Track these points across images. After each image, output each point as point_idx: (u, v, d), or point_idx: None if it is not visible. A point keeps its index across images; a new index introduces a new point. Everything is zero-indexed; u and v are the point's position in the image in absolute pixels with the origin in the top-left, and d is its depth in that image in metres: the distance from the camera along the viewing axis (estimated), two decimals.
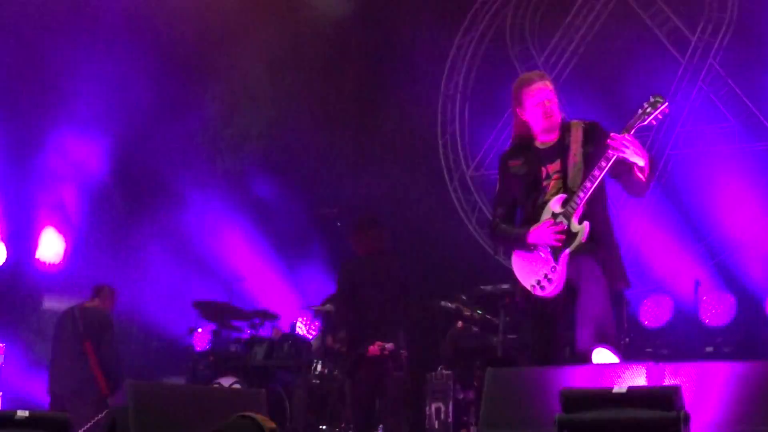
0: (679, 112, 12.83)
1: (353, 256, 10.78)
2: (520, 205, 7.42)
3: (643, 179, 7.02)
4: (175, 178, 14.64)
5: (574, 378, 5.90)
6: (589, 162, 7.05)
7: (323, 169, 14.48)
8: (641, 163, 6.92)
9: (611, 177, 7.17)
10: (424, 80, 14.28)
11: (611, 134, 6.95)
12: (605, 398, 5.39)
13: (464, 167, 14.28)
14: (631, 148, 6.88)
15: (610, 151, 6.91)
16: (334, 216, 12.49)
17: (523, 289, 7.31)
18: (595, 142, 7.09)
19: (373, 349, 10.51)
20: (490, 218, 7.72)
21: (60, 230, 14.37)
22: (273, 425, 3.65)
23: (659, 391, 5.39)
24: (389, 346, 10.54)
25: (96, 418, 10.25)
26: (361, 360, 10.56)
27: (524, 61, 13.78)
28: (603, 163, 6.96)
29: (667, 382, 5.63)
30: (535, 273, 7.20)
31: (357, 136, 14.57)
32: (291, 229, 14.18)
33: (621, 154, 6.89)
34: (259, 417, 3.65)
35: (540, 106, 7.29)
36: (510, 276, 7.59)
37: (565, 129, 7.30)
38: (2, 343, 12.71)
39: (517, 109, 7.41)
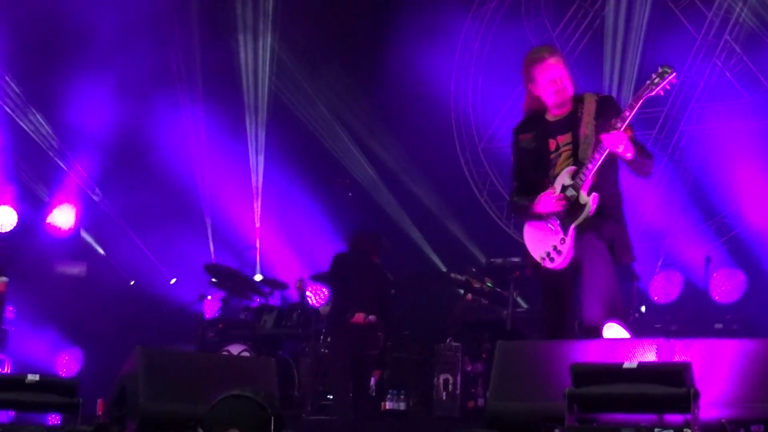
0: (693, 89, 12.79)
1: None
2: (531, 178, 7.41)
3: (634, 168, 7.07)
4: (186, 142, 14.68)
5: (585, 352, 5.89)
6: (600, 134, 7.03)
7: (335, 140, 14.45)
8: (628, 157, 6.95)
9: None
10: (438, 52, 14.21)
11: (601, 135, 6.95)
12: (615, 373, 5.39)
13: (476, 140, 14.25)
14: (620, 144, 6.90)
15: (605, 143, 6.92)
16: (346, 186, 12.49)
17: (533, 260, 7.31)
18: (607, 116, 7.07)
19: (358, 317, 10.77)
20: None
21: (71, 196, 14.37)
22: (270, 397, 3.63)
23: (670, 367, 5.39)
24: (372, 318, 10.70)
25: None
26: (342, 328, 10.79)
27: (539, 34, 13.71)
28: (596, 156, 6.98)
29: (678, 358, 5.62)
30: (544, 245, 7.20)
31: (369, 107, 14.52)
32: (302, 198, 14.16)
33: (613, 149, 6.91)
34: (255, 394, 3.63)
35: (552, 83, 7.26)
36: (520, 249, 7.59)
37: (578, 101, 7.29)
38: (12, 307, 12.72)
39: (529, 85, 7.39)
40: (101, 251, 14.56)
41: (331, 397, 11.40)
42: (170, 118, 14.70)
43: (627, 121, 6.94)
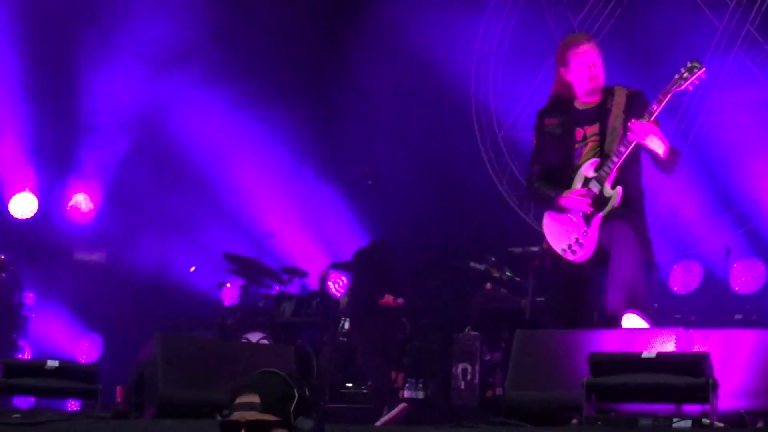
0: (714, 78, 12.72)
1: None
2: (553, 165, 7.38)
3: (664, 164, 7.01)
4: (205, 130, 14.69)
5: (603, 342, 5.88)
6: (627, 129, 7.00)
7: (354, 127, 14.42)
8: (660, 151, 6.89)
9: (644, 151, 7.13)
10: (458, 40, 14.17)
11: (632, 120, 6.91)
12: (634, 363, 5.38)
13: (496, 129, 14.22)
14: (651, 136, 6.85)
15: (630, 135, 6.87)
16: (366, 174, 12.50)
17: (553, 252, 7.30)
18: (635, 111, 7.03)
19: (387, 298, 10.77)
20: (528, 176, 7.69)
21: (91, 184, 14.40)
22: (301, 383, 3.64)
23: (688, 357, 5.38)
24: (400, 300, 10.70)
25: None
26: (371, 309, 10.79)
27: (560, 23, 13.66)
28: (622, 149, 6.94)
29: (697, 348, 5.61)
30: (566, 237, 7.19)
31: (389, 94, 14.48)
32: (323, 186, 14.17)
33: (640, 140, 6.86)
34: (287, 374, 3.64)
35: (586, 68, 7.24)
36: (540, 238, 7.57)
37: (608, 93, 7.26)
38: (32, 294, 12.78)
39: (561, 69, 7.36)
40: (121, 239, 14.58)
41: (350, 384, 11.41)
42: (190, 102, 14.68)
43: (654, 115, 6.91)
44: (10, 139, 13.72)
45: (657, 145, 6.88)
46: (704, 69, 6.99)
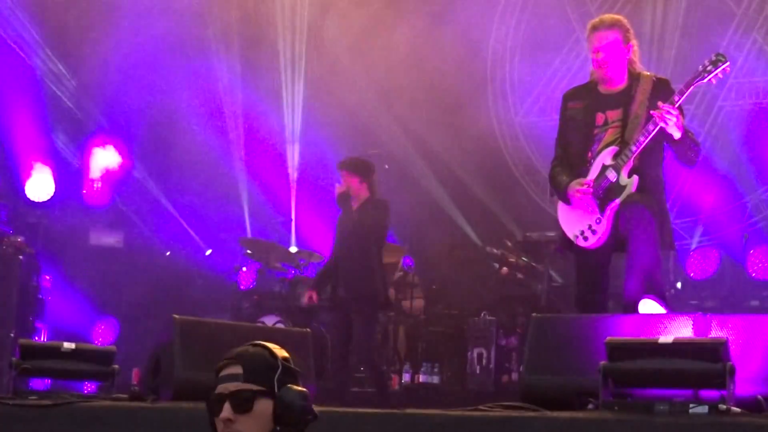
0: (732, 64, 12.65)
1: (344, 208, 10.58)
2: (572, 149, 7.34)
3: (679, 151, 6.97)
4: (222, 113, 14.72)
5: (620, 327, 5.87)
6: (650, 117, 6.95)
7: (366, 112, 14.40)
8: (676, 135, 6.85)
9: (666, 142, 7.08)
10: (475, 24, 14.13)
11: (659, 103, 6.85)
12: (651, 348, 5.36)
13: (513, 114, 14.19)
14: (673, 120, 6.80)
15: (656, 117, 6.82)
16: (381, 158, 12.46)
17: (566, 238, 7.28)
18: (660, 98, 6.96)
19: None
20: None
21: (107, 166, 14.43)
22: (286, 354, 3.65)
23: (706, 342, 5.36)
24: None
25: None
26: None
27: (577, 7, 13.62)
28: (651, 127, 6.88)
29: (714, 334, 5.59)
30: (579, 223, 7.17)
31: (406, 80, 14.45)
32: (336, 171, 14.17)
33: (663, 124, 6.81)
34: (270, 345, 3.65)
35: (593, 55, 7.20)
36: (556, 224, 7.56)
37: (634, 78, 7.19)
38: (48, 276, 12.82)
39: (592, 56, 7.31)
40: (137, 222, 14.61)
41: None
42: (207, 87, 14.71)
43: (676, 105, 6.86)
44: (27, 122, 13.76)
45: (674, 130, 6.85)
46: (728, 63, 6.94)
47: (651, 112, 6.85)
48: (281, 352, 3.64)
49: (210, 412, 3.64)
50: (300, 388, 3.60)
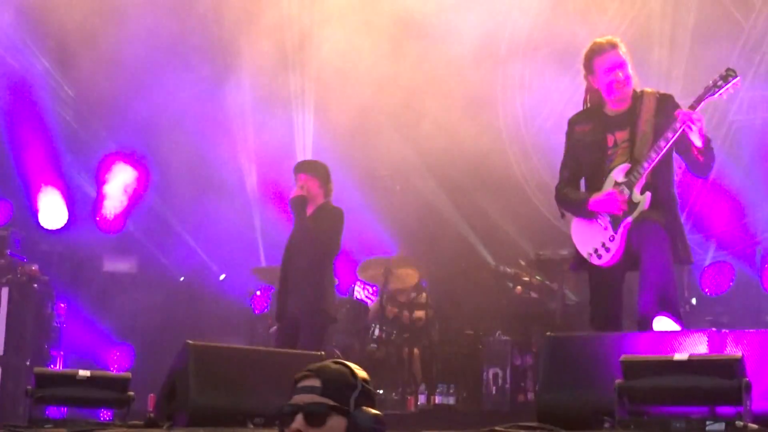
0: (742, 78, 12.65)
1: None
2: (584, 171, 7.37)
3: (701, 160, 6.96)
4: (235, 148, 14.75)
5: (635, 345, 5.87)
6: (658, 133, 6.99)
7: (376, 134, 14.39)
8: (698, 143, 6.85)
9: (677, 153, 7.10)
10: (485, 40, 14.12)
11: (679, 109, 6.87)
12: (666, 365, 5.36)
13: (524, 132, 14.18)
14: (697, 125, 6.81)
15: (677, 124, 6.83)
16: (392, 179, 12.49)
17: (579, 256, 7.29)
18: (665, 114, 7.00)
19: None
20: (558, 182, 7.67)
21: (119, 194, 14.46)
22: (366, 376, 3.63)
23: (721, 359, 5.35)
24: None
25: None
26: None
27: (585, 25, 13.60)
28: (669, 135, 6.90)
29: (729, 350, 5.58)
30: (592, 241, 7.18)
31: (411, 99, 14.44)
32: (347, 191, 14.17)
33: (687, 130, 6.82)
34: (352, 365, 3.63)
35: (612, 76, 7.21)
36: (569, 242, 7.56)
37: (637, 97, 7.23)
38: (63, 304, 12.84)
39: (589, 77, 7.34)
40: (151, 247, 14.63)
41: (381, 391, 11.39)
42: (218, 114, 14.72)
43: (700, 106, 6.88)
44: (39, 150, 13.81)
45: (696, 138, 6.86)
46: (739, 78, 6.96)
47: (676, 112, 6.86)
48: (361, 373, 3.62)
49: (281, 422, 3.61)
50: (375, 412, 3.57)
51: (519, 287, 11.89)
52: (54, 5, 13.72)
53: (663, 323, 6.70)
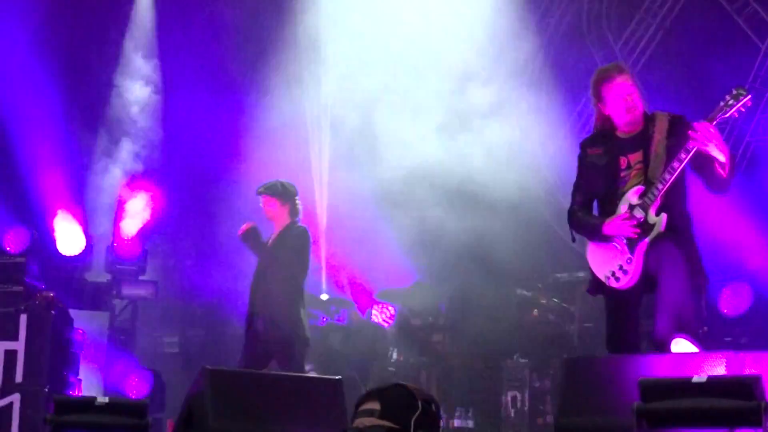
0: (758, 99, 12.65)
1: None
2: (597, 195, 7.38)
3: (724, 175, 6.93)
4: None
5: (653, 367, 5.85)
6: (671, 154, 6.98)
7: (396, 153, 14.40)
8: (722, 158, 6.84)
9: (693, 170, 7.09)
10: (500, 67, 14.14)
11: (693, 124, 6.87)
12: (684, 387, 5.34)
13: (540, 155, 14.17)
14: (714, 141, 6.79)
15: (690, 143, 6.83)
16: (413, 203, 12.50)
17: (597, 279, 7.28)
18: (678, 135, 7.00)
19: None
20: (570, 205, 7.67)
21: (137, 219, 14.49)
22: (428, 397, 3.62)
23: (740, 380, 5.33)
24: None
25: None
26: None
27: (601, 48, 13.64)
28: (683, 155, 6.89)
29: (748, 371, 5.56)
30: (609, 264, 7.17)
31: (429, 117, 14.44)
32: (363, 215, 14.17)
33: (702, 147, 6.80)
34: (413, 386, 3.63)
35: (622, 100, 7.22)
36: (586, 264, 7.55)
37: (649, 120, 7.24)
38: (82, 330, 12.85)
39: (598, 105, 7.35)
40: (169, 272, 14.65)
41: None
42: (232, 130, 14.75)
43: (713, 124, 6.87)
44: (57, 175, 13.86)
45: (717, 153, 6.84)
46: (750, 96, 6.94)
47: (689, 133, 6.85)
48: (423, 394, 3.61)
49: None
50: None
51: (536, 310, 11.89)
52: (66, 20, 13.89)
53: (681, 345, 6.69)
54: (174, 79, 14.35)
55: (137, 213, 14.42)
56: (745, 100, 6.94)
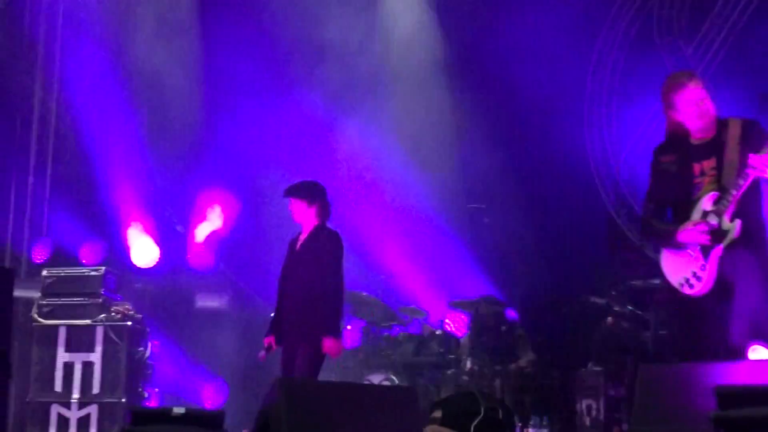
0: None
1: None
2: (671, 202, 7.34)
3: None
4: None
5: (729, 374, 5.80)
6: (745, 159, 6.92)
7: (467, 165, 14.40)
8: None
9: None
10: (569, 77, 14.09)
11: (750, 155, 6.82)
12: (763, 395, 5.29)
13: (611, 162, 14.11)
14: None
15: (748, 170, 6.79)
16: (484, 211, 12.47)
17: (670, 286, 7.24)
18: (752, 140, 6.94)
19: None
20: (643, 213, 7.64)
21: (211, 231, 14.58)
22: (495, 403, 3.64)
23: None
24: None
25: None
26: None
27: (672, 53, 13.55)
28: (740, 182, 6.85)
29: None
30: (683, 271, 7.13)
31: (502, 131, 14.42)
32: (441, 225, 14.17)
33: (761, 174, 6.77)
34: (480, 393, 3.65)
35: (694, 107, 7.18)
36: (660, 271, 7.50)
37: (722, 125, 7.19)
38: (157, 341, 12.97)
39: (669, 112, 7.32)
40: (242, 284, 14.72)
41: None
42: (311, 142, 14.79)
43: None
44: (130, 189, 14.01)
45: None
46: None
47: (749, 162, 6.80)
48: (490, 401, 3.63)
49: None
50: None
51: (610, 318, 11.79)
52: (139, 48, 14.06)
53: (759, 352, 6.63)
54: (242, 87, 14.45)
55: (211, 222, 14.52)
56: None
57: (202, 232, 14.48)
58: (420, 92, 14.86)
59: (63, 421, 11.34)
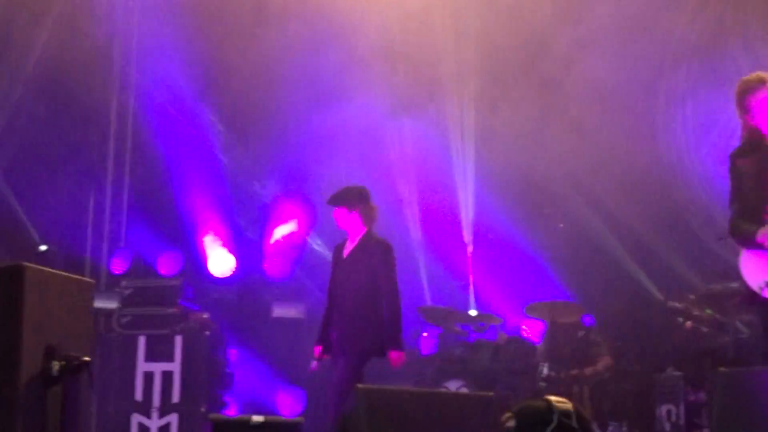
0: None
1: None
2: (750, 204, 7.27)
3: None
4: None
5: None
6: None
7: (539, 172, 14.35)
8: None
9: None
10: (642, 77, 14.00)
11: None
12: None
13: (687, 164, 13.99)
14: None
15: None
16: (555, 218, 12.44)
17: (750, 289, 7.17)
18: None
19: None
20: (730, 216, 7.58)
21: (287, 242, 14.66)
22: (570, 409, 3.63)
23: None
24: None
25: None
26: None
27: (746, 54, 13.40)
28: None
29: None
30: (763, 273, 7.06)
31: (572, 135, 14.36)
32: (511, 232, 14.14)
33: None
34: (555, 399, 3.65)
35: None
36: (739, 274, 7.44)
37: None
38: (235, 350, 13.06)
39: (745, 116, 7.26)
40: (318, 293, 14.78)
41: None
42: (377, 153, 14.81)
43: None
44: (206, 199, 14.13)
45: None
46: None
47: None
48: (564, 407, 3.63)
49: None
50: None
51: (689, 322, 11.70)
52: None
53: None
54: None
55: (285, 235, 14.59)
56: None
57: (277, 238, 14.57)
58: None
59: (143, 430, 11.46)
